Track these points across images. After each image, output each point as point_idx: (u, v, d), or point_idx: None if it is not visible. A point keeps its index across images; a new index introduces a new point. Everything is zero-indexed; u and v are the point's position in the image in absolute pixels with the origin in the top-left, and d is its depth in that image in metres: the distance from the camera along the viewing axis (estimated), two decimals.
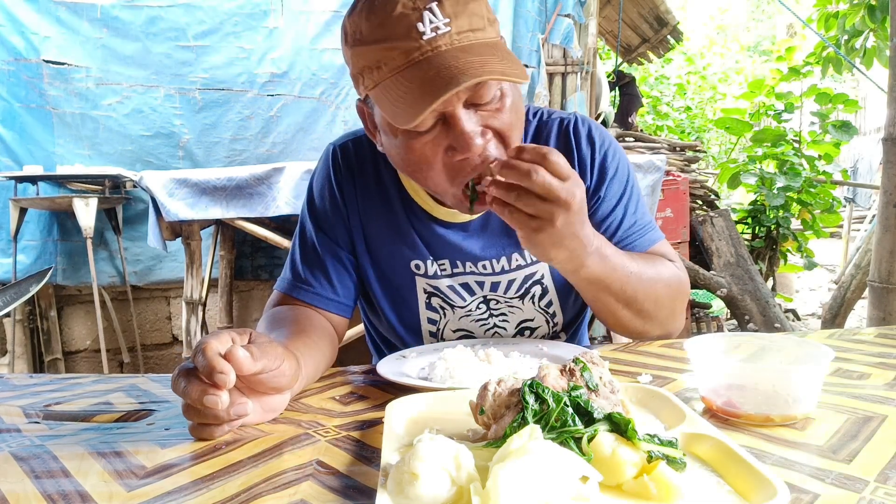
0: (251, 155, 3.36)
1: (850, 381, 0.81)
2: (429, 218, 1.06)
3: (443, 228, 1.05)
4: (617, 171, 1.06)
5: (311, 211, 1.10)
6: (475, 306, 1.10)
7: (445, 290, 1.09)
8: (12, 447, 0.69)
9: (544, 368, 0.60)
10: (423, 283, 1.09)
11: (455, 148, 0.82)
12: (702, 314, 4.40)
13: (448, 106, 0.79)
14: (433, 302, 1.10)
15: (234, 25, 3.29)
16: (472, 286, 1.08)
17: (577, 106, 3.58)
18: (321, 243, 1.08)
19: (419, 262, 1.07)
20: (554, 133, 1.07)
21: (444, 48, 0.77)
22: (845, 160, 10.15)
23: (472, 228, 1.05)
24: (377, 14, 0.79)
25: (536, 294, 1.09)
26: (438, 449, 0.49)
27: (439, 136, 0.83)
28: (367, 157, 1.08)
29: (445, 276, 1.07)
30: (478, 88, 0.80)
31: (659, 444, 0.53)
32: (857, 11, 4.02)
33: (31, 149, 3.14)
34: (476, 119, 0.82)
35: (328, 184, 1.09)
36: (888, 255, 2.33)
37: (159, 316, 3.54)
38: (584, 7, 3.64)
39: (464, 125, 0.80)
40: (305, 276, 1.06)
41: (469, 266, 1.06)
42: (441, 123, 0.82)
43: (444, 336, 1.13)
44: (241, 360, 0.63)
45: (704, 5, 15.47)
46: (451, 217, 1.05)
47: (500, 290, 1.08)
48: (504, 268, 1.06)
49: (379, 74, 0.81)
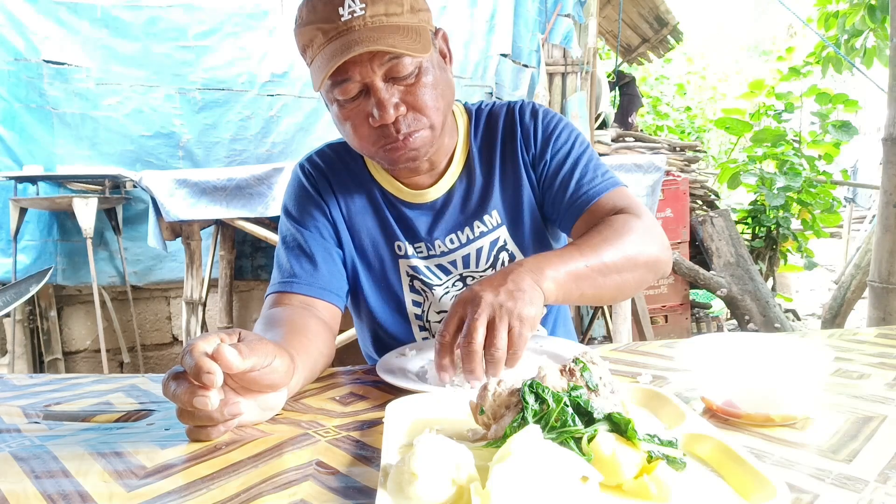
0: (251, 155, 3.36)
1: (850, 381, 0.81)
2: (398, 202, 1.12)
3: (411, 210, 1.12)
4: (561, 133, 1.12)
5: (290, 217, 1.12)
6: (451, 284, 1.14)
7: (423, 271, 1.13)
8: (12, 447, 0.69)
9: (544, 368, 0.60)
10: (405, 266, 1.14)
11: (373, 115, 0.93)
12: (702, 314, 4.40)
13: (366, 77, 0.92)
14: (415, 285, 1.14)
15: (235, 25, 3.29)
16: (446, 266, 1.14)
17: (577, 106, 3.57)
18: (306, 238, 1.09)
19: (399, 244, 1.13)
20: (502, 117, 1.15)
21: (356, 28, 0.90)
22: (845, 160, 10.15)
23: (437, 207, 1.12)
24: (313, 1, 0.93)
25: (505, 261, 1.14)
26: (438, 449, 0.50)
27: (362, 104, 0.95)
28: (335, 160, 1.15)
29: (421, 257, 1.13)
30: (395, 65, 0.92)
31: (659, 444, 0.53)
32: (857, 11, 4.02)
33: (31, 149, 3.14)
34: (393, 91, 0.94)
35: (302, 191, 1.13)
36: (888, 255, 2.33)
37: (159, 316, 3.54)
38: (583, 7, 3.64)
39: (379, 94, 0.92)
40: (293, 269, 1.06)
41: (439, 245, 1.12)
42: (364, 94, 0.94)
43: (429, 319, 1.15)
44: (228, 359, 0.62)
45: (704, 5, 15.48)
46: (415, 198, 1.12)
47: (471, 263, 1.13)
48: (469, 237, 1.13)
49: (311, 52, 0.95)
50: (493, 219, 1.12)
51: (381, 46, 0.88)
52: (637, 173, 2.93)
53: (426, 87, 0.96)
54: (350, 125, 0.97)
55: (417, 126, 0.96)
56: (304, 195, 1.13)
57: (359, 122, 0.96)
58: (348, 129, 0.98)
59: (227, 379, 0.66)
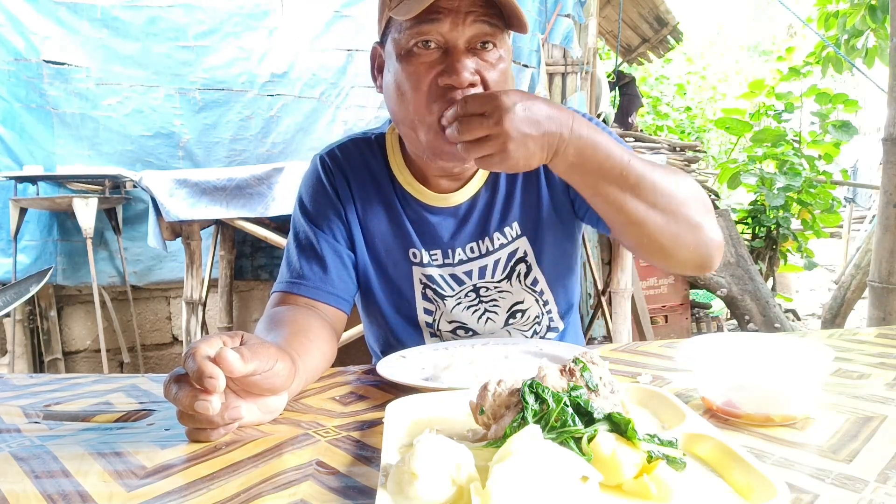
0: (251, 155, 3.36)
1: (850, 381, 0.81)
2: (419, 205, 1.09)
3: (433, 216, 1.09)
4: None
5: (305, 213, 1.11)
6: (464, 295, 1.12)
7: (437, 280, 1.11)
8: (12, 447, 0.69)
9: (544, 368, 0.60)
10: (419, 273, 1.11)
11: (446, 72, 0.88)
12: (702, 314, 4.40)
13: (455, 30, 0.88)
14: (428, 293, 1.13)
15: (234, 25, 3.29)
16: (460, 277, 1.11)
17: (577, 106, 3.57)
18: (318, 239, 1.08)
19: (415, 251, 1.10)
20: None
21: None
22: (845, 160, 10.14)
23: (460, 213, 1.10)
24: None
25: (522, 272, 1.13)
26: (438, 449, 0.49)
27: (435, 62, 0.90)
28: (356, 156, 1.12)
29: (436, 265, 1.11)
30: (489, 35, 0.89)
31: (659, 444, 0.53)
32: (857, 11, 4.02)
33: (31, 149, 3.14)
34: (472, 60, 0.90)
35: (320, 186, 1.11)
36: (888, 255, 2.33)
37: (159, 316, 3.54)
38: (583, 7, 3.64)
39: (461, 54, 0.88)
40: (302, 271, 1.06)
41: (459, 254, 1.10)
42: (442, 53, 0.90)
43: (440, 328, 1.14)
44: (231, 363, 0.62)
45: (704, 5, 15.48)
46: (439, 202, 1.09)
47: (487, 274, 1.11)
48: (489, 248, 1.11)
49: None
50: (512, 230, 1.10)
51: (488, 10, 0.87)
52: None
53: (502, 74, 0.92)
54: (413, 78, 0.90)
55: None
56: (321, 191, 1.10)
57: (424, 75, 0.90)
58: (408, 85, 0.91)
59: (229, 382, 0.66)
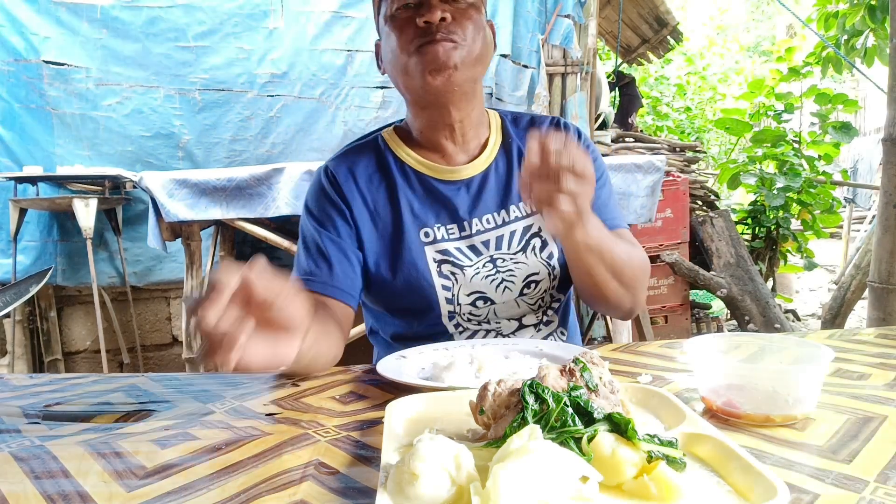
0: (251, 155, 3.36)
1: (850, 382, 0.81)
2: (432, 181, 1.14)
3: (448, 187, 1.14)
4: (597, 163, 1.16)
5: (311, 217, 1.14)
6: (482, 265, 1.14)
7: (454, 252, 1.13)
8: (12, 447, 0.69)
9: (544, 368, 0.60)
10: (432, 251, 1.13)
11: (422, 14, 1.02)
12: (702, 315, 4.40)
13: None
14: (444, 269, 1.14)
15: (234, 26, 3.29)
16: (478, 247, 1.14)
17: (578, 106, 3.57)
18: (323, 239, 1.11)
19: (428, 230, 1.13)
20: (547, 123, 1.24)
21: None
22: (845, 160, 10.14)
23: (473, 185, 1.15)
24: None
25: (537, 246, 1.16)
26: (438, 449, 0.49)
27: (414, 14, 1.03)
28: (358, 156, 1.17)
29: (454, 238, 1.14)
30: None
31: (659, 444, 0.53)
32: (857, 11, 4.01)
33: (31, 149, 3.14)
34: (444, 6, 1.03)
35: (324, 192, 1.14)
36: (888, 255, 2.33)
37: (159, 316, 3.54)
38: (583, 7, 3.64)
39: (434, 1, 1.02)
40: (309, 268, 1.09)
41: (476, 224, 1.14)
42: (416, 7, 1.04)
43: (460, 301, 1.14)
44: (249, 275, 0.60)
45: (704, 6, 15.47)
46: (452, 175, 1.14)
47: (503, 245, 1.15)
48: (504, 220, 1.15)
49: None
50: (528, 206, 1.17)
51: None
52: (637, 174, 2.92)
53: (471, 19, 1.05)
54: (397, 34, 1.05)
55: (454, 37, 1.03)
56: (325, 196, 1.14)
57: (405, 27, 1.04)
58: (394, 40, 1.05)
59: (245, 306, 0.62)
